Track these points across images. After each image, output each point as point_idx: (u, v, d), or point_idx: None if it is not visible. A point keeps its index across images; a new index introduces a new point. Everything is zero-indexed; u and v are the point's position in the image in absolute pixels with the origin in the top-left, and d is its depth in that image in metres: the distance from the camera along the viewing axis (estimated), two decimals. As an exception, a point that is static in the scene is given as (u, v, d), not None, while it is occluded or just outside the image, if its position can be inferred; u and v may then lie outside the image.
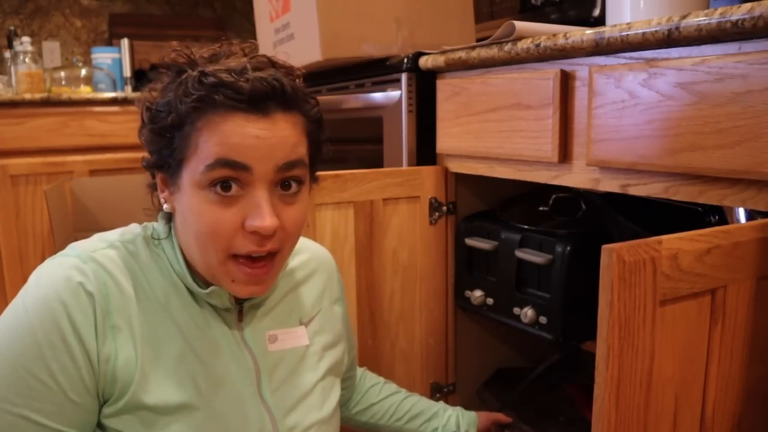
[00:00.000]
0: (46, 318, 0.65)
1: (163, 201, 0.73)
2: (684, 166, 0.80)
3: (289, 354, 0.80)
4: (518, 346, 1.49)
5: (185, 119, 0.67)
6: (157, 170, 0.72)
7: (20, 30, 2.85)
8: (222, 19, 3.25)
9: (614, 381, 0.57)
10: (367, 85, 1.42)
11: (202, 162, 0.66)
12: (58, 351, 0.64)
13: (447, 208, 1.29)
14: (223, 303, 0.74)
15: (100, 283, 0.68)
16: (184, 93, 0.66)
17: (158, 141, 0.69)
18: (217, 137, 0.66)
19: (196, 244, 0.69)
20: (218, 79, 0.66)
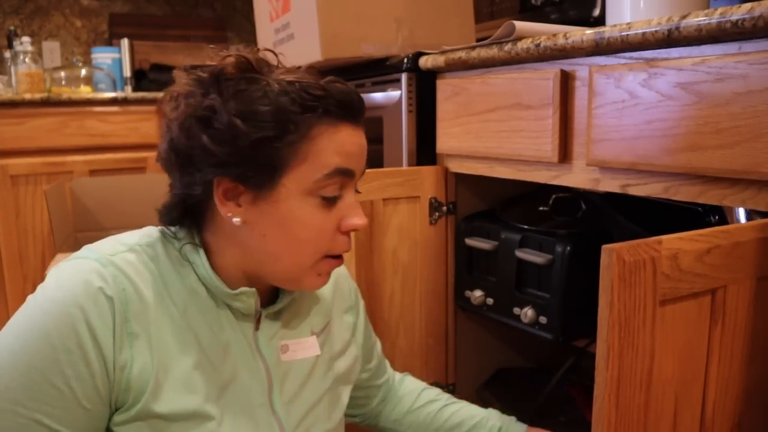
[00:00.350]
0: (64, 323, 0.64)
1: (231, 215, 0.69)
2: (684, 166, 0.80)
3: (300, 364, 0.79)
4: (518, 346, 1.49)
5: (291, 128, 0.67)
6: (239, 182, 0.68)
7: (20, 30, 2.85)
8: (222, 19, 3.25)
9: (614, 381, 0.57)
10: (367, 85, 1.42)
11: (319, 170, 0.68)
12: (74, 357, 0.64)
13: (447, 208, 1.29)
14: (248, 307, 0.74)
15: (119, 288, 0.66)
16: (295, 102, 0.67)
17: (250, 153, 0.67)
18: (333, 146, 0.69)
19: (290, 249, 0.70)
20: (327, 91, 0.68)
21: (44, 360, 0.63)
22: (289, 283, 0.75)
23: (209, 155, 0.67)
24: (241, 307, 0.74)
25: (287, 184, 0.68)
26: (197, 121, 0.67)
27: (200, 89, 0.69)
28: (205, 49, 3.12)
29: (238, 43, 3.33)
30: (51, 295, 0.65)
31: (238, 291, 0.72)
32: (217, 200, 0.69)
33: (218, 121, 0.66)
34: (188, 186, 0.70)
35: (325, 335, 0.85)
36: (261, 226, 0.70)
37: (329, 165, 0.69)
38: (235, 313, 0.74)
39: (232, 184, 0.68)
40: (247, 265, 0.73)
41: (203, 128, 0.67)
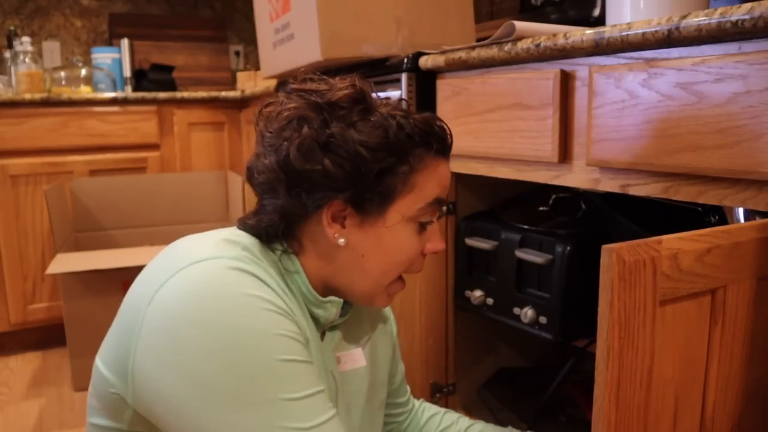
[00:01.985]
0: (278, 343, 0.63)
1: (338, 236, 0.73)
2: (684, 166, 0.80)
3: (353, 376, 0.83)
4: (518, 346, 1.49)
5: (403, 160, 0.72)
6: (349, 206, 0.72)
7: (20, 30, 2.85)
8: (222, 19, 3.25)
9: (614, 381, 0.57)
10: (367, 85, 1.42)
11: (423, 200, 0.74)
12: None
13: (447, 208, 1.29)
14: (329, 316, 0.76)
15: (278, 299, 0.67)
16: (409, 135, 0.72)
17: (369, 179, 0.70)
18: (435, 179, 0.75)
19: (381, 269, 0.75)
20: (429, 128, 0.74)
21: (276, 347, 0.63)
22: (364, 299, 0.78)
23: (329, 179, 0.70)
24: (322, 315, 0.76)
25: (395, 211, 0.74)
26: (320, 145, 0.70)
27: (317, 114, 0.71)
28: (205, 49, 3.12)
29: (237, 44, 3.33)
30: (241, 327, 0.62)
31: (327, 299, 0.75)
32: (325, 221, 0.72)
33: (342, 148, 0.69)
34: (294, 205, 0.72)
35: (369, 347, 0.87)
36: (362, 248, 0.74)
37: (431, 195, 0.75)
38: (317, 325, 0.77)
39: (342, 206, 0.72)
40: (332, 278, 0.76)
41: (325, 152, 0.70)
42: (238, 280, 0.65)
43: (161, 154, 2.59)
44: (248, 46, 3.32)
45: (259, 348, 0.62)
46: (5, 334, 2.39)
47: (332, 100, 0.71)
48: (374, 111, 0.72)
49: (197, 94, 2.63)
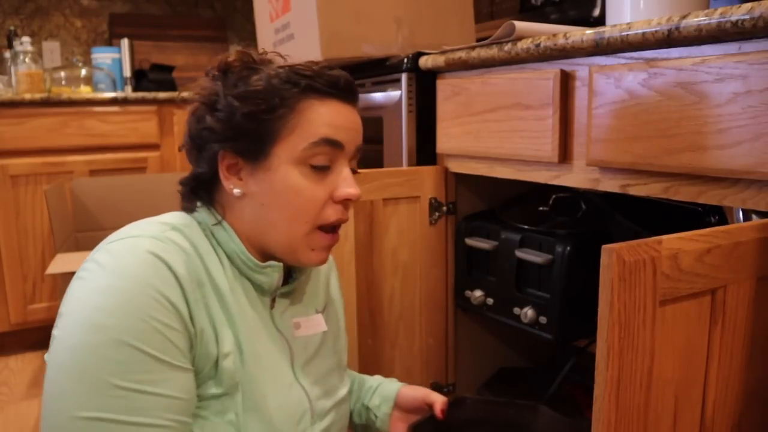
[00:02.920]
0: (142, 296, 0.66)
1: (233, 187, 0.76)
2: (684, 166, 0.80)
3: (312, 340, 0.85)
4: (518, 346, 1.49)
5: (284, 103, 0.74)
6: (238, 156, 0.75)
7: (20, 30, 2.85)
8: (222, 19, 3.25)
9: (614, 381, 0.57)
10: (367, 85, 1.42)
11: (306, 140, 0.74)
12: (158, 324, 0.66)
13: (447, 208, 1.29)
14: (271, 281, 0.78)
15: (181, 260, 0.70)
16: (285, 81, 0.75)
17: (243, 126, 0.74)
18: (321, 118, 0.75)
19: (285, 217, 0.75)
20: (316, 71, 0.76)
21: (132, 331, 0.64)
22: (288, 255, 0.78)
23: (212, 133, 0.75)
24: (265, 282, 0.78)
25: (279, 154, 0.74)
26: (205, 106, 0.76)
27: (213, 84, 0.77)
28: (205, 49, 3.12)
29: (237, 43, 3.33)
30: (120, 272, 0.66)
31: (266, 264, 0.77)
32: (221, 175, 0.76)
33: (220, 103, 0.75)
34: (198, 164, 0.77)
35: (326, 314, 0.89)
36: (260, 196, 0.76)
37: (316, 134, 0.75)
38: (259, 291, 0.79)
39: (233, 159, 0.75)
40: (256, 239, 0.78)
41: (209, 111, 0.75)
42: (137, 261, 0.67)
43: (161, 154, 2.59)
44: (248, 46, 3.32)
45: (114, 327, 0.64)
46: (5, 334, 2.39)
47: (222, 66, 0.77)
48: (261, 68, 0.77)
49: (197, 94, 2.62)
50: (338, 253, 1.20)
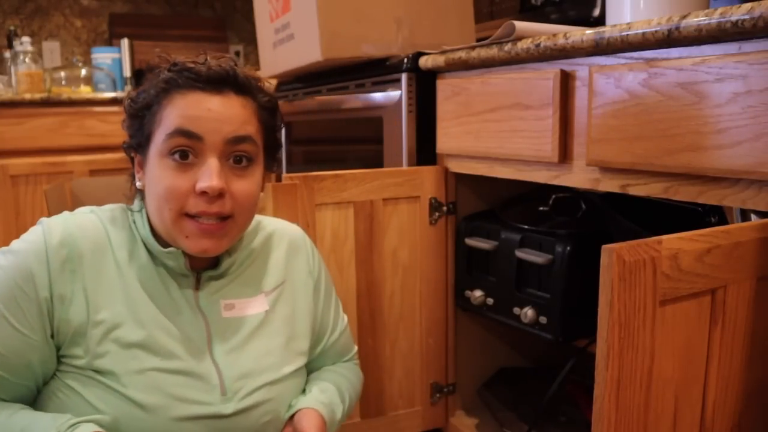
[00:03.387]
0: (14, 264, 0.77)
1: (138, 180, 0.84)
2: (684, 166, 0.80)
3: (247, 320, 0.86)
4: (518, 346, 1.49)
5: (154, 100, 0.80)
6: (134, 152, 0.84)
7: (20, 30, 2.85)
8: (222, 19, 3.25)
9: (614, 381, 0.57)
10: (367, 85, 1.42)
11: (164, 132, 0.78)
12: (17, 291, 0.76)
13: (447, 208, 1.29)
14: (179, 266, 0.82)
15: (62, 238, 0.78)
16: (156, 79, 0.81)
17: (133, 124, 0.82)
18: (177, 111, 0.78)
19: (156, 205, 0.79)
20: (183, 66, 0.80)
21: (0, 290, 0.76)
22: (171, 242, 0.82)
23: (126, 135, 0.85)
24: (174, 266, 0.82)
25: (152, 147, 0.80)
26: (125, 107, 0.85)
27: None
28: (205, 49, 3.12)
29: (237, 44, 3.33)
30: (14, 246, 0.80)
31: (168, 249, 0.81)
32: (134, 170, 0.85)
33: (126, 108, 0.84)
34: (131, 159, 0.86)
35: (277, 294, 0.90)
36: (146, 187, 0.82)
37: (171, 126, 0.78)
38: (173, 274, 0.83)
39: (137, 156, 0.84)
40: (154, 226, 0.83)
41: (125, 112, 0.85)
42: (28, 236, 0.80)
43: (161, 154, 2.59)
44: (248, 46, 3.32)
45: None
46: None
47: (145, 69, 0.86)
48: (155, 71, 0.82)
49: (197, 94, 2.62)
50: (338, 253, 1.20)
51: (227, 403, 0.80)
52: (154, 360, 0.78)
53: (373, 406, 1.28)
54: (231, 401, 0.80)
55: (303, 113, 1.72)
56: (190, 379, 0.79)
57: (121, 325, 0.78)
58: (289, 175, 1.15)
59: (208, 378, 0.80)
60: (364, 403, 1.27)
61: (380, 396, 1.28)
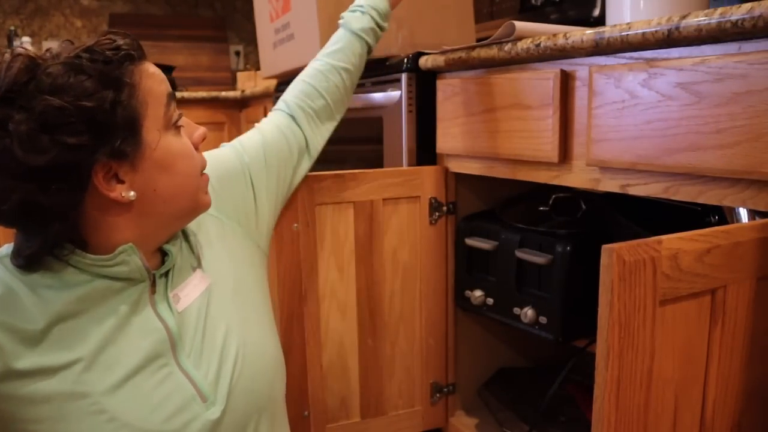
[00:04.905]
0: None
1: (123, 194, 0.70)
2: (684, 166, 0.80)
3: (197, 304, 0.80)
4: (518, 346, 1.49)
5: (122, 81, 0.68)
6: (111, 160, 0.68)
7: (20, 30, 2.85)
8: (222, 19, 3.25)
9: (614, 381, 0.57)
10: (367, 85, 1.42)
11: (159, 104, 0.72)
12: None
13: (447, 208, 1.29)
14: (134, 265, 0.73)
15: None
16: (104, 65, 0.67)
17: (103, 126, 0.67)
18: (152, 80, 0.72)
19: (184, 181, 0.76)
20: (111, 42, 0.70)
21: None
22: (190, 215, 0.80)
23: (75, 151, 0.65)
24: (127, 271, 0.73)
25: (150, 129, 0.72)
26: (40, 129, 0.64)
27: (6, 107, 0.65)
28: (205, 49, 3.12)
29: (238, 44, 3.33)
30: None
31: (115, 253, 0.71)
32: (102, 190, 0.69)
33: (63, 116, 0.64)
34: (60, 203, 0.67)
35: (208, 261, 0.85)
36: (149, 184, 0.72)
37: (162, 94, 0.73)
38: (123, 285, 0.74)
39: (106, 166, 0.69)
40: (144, 237, 0.74)
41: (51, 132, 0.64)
42: None
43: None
44: (248, 46, 3.33)
45: None
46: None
47: (6, 84, 0.64)
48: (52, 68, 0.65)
49: (197, 94, 2.63)
50: (338, 253, 1.20)
51: (212, 408, 0.76)
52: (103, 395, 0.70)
53: (373, 406, 1.28)
54: (215, 404, 0.77)
55: (303, 113, 1.72)
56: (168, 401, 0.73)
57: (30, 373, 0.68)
58: (289, 175, 1.15)
59: (183, 390, 0.75)
60: (364, 402, 1.27)
61: (380, 396, 1.28)
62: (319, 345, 1.20)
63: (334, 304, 1.21)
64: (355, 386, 1.26)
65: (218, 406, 0.77)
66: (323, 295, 1.20)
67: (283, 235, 1.13)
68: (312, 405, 1.21)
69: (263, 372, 0.84)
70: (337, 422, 1.25)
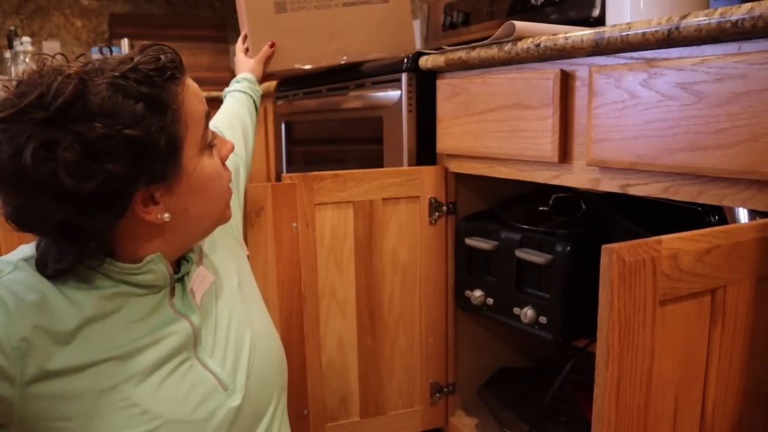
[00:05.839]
0: None
1: (159, 216, 0.71)
2: (684, 166, 0.80)
3: (205, 299, 0.83)
4: (518, 346, 1.49)
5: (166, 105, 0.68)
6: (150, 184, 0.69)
7: (20, 30, 2.85)
8: (222, 19, 3.25)
9: (614, 381, 0.57)
10: (367, 85, 1.42)
11: (198, 126, 0.73)
12: None
13: (447, 208, 1.29)
14: (160, 272, 0.74)
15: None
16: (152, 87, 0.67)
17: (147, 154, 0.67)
18: (195, 98, 0.73)
19: (214, 202, 0.77)
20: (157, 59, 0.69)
21: None
22: (213, 228, 0.81)
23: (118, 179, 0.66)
24: (153, 279, 0.74)
25: (189, 153, 0.72)
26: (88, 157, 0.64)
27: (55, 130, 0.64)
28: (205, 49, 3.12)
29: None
30: None
31: (143, 262, 0.73)
32: (140, 214, 0.70)
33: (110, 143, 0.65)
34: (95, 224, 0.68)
35: (208, 259, 0.88)
36: (181, 205, 0.73)
37: (200, 115, 0.74)
38: (146, 292, 0.75)
39: (146, 191, 0.70)
40: (169, 249, 0.76)
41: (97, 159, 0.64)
42: None
43: (161, 154, 2.58)
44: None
45: None
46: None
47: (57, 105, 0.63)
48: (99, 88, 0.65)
49: (197, 94, 2.62)
50: (338, 253, 1.20)
51: (233, 396, 0.79)
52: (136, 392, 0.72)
53: (373, 406, 1.28)
54: (235, 392, 0.80)
55: (303, 113, 1.72)
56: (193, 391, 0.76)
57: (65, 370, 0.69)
58: (288, 174, 1.15)
59: (205, 382, 0.78)
60: (364, 402, 1.27)
61: (380, 396, 1.28)
62: (318, 344, 1.20)
63: (333, 303, 1.21)
64: (354, 385, 1.26)
65: (238, 394, 0.80)
66: (322, 294, 1.20)
67: (283, 234, 1.13)
68: (311, 404, 1.21)
69: (273, 362, 0.87)
70: (337, 421, 1.25)
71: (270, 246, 1.12)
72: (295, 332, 1.17)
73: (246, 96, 1.27)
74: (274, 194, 1.12)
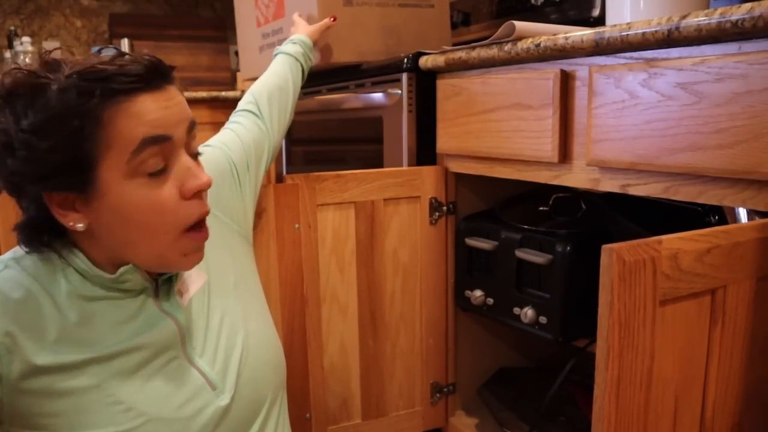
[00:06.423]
0: None
1: (73, 223, 0.69)
2: (684, 166, 0.80)
3: (197, 299, 0.83)
4: (518, 346, 1.49)
5: (86, 121, 0.65)
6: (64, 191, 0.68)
7: (20, 30, 2.85)
8: (222, 19, 3.25)
9: (614, 381, 0.57)
10: (367, 85, 1.43)
11: (126, 150, 0.66)
12: None
13: (447, 208, 1.29)
14: (137, 283, 0.75)
15: None
16: (80, 93, 0.64)
17: (52, 162, 0.66)
18: (133, 121, 0.66)
19: (142, 236, 0.70)
20: (103, 70, 0.65)
21: None
22: (161, 267, 0.75)
23: (22, 177, 0.67)
24: (131, 285, 0.75)
25: (104, 176, 0.67)
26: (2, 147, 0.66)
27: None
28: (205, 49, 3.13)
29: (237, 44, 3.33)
30: None
31: (117, 274, 0.73)
32: (55, 214, 0.69)
33: (16, 142, 0.65)
34: (27, 210, 0.72)
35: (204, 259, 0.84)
36: (104, 223, 0.70)
37: (135, 140, 0.66)
38: (128, 293, 0.76)
39: (60, 195, 0.68)
40: (119, 258, 0.74)
41: (7, 153, 0.66)
42: None
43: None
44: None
45: None
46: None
47: (6, 96, 0.66)
48: (47, 83, 0.65)
49: (197, 94, 2.63)
50: (339, 253, 1.20)
51: (222, 395, 0.79)
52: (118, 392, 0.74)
53: (374, 408, 1.28)
54: (224, 392, 0.80)
55: (303, 113, 1.72)
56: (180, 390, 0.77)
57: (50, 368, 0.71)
58: (290, 175, 1.15)
59: (193, 381, 0.78)
60: (365, 403, 1.27)
61: (381, 397, 1.28)
62: (320, 346, 1.20)
63: (335, 304, 1.21)
64: (356, 387, 1.26)
65: (227, 394, 0.80)
66: (324, 296, 1.20)
67: (285, 235, 1.13)
68: (314, 407, 1.21)
69: (267, 361, 0.87)
70: (339, 424, 1.25)
71: (272, 248, 1.12)
72: (298, 335, 1.17)
73: (297, 64, 1.23)
74: (276, 195, 1.12)
